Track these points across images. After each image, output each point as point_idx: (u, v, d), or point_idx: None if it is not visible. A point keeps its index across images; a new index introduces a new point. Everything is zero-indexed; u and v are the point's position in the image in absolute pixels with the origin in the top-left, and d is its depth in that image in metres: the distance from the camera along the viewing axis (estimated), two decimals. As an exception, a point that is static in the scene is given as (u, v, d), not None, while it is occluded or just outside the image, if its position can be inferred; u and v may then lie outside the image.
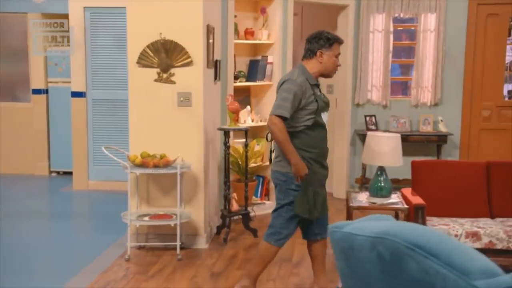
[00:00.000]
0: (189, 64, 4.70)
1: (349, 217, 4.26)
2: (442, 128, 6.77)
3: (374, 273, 1.53)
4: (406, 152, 6.72)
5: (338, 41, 3.55)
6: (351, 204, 4.25)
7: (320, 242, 3.73)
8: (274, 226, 3.62)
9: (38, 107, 8.08)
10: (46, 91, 8.09)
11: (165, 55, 4.67)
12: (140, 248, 4.82)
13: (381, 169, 4.51)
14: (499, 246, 3.97)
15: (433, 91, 6.81)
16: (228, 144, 5.03)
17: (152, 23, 4.67)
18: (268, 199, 6.34)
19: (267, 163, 6.27)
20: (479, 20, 6.71)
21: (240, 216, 5.38)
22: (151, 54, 4.68)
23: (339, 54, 3.57)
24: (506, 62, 8.14)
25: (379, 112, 6.98)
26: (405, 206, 4.24)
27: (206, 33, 4.80)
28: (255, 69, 6.13)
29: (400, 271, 1.44)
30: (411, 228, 1.50)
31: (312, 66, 3.52)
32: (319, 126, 3.51)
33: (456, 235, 4.00)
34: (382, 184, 4.48)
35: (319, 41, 3.50)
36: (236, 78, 5.96)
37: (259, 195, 6.30)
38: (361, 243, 1.54)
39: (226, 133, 5.06)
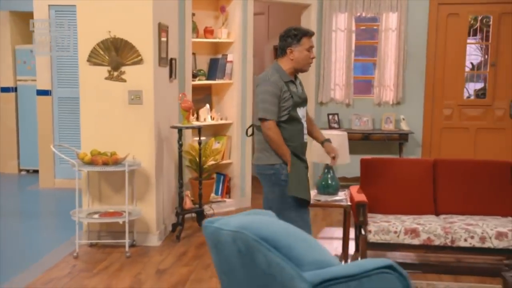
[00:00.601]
0: (139, 62, 4.72)
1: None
2: (404, 127, 6.83)
3: (237, 267, 1.57)
4: (368, 150, 6.85)
5: (307, 34, 3.56)
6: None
7: None
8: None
9: (7, 105, 8.07)
10: (15, 89, 8.09)
11: (115, 53, 4.69)
12: (92, 245, 4.84)
13: (328, 167, 4.55)
14: (437, 242, 4.02)
15: (395, 90, 6.87)
16: (180, 142, 5.05)
17: (102, 21, 4.69)
18: (229, 197, 6.37)
19: (229, 160, 6.33)
20: (440, 19, 6.77)
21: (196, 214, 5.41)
22: (102, 52, 4.70)
23: (312, 47, 3.58)
24: (473, 62, 8.25)
25: (342, 111, 7.03)
26: (348, 203, 4.29)
27: (157, 31, 4.82)
28: (215, 68, 6.16)
29: (254, 264, 1.47)
30: (263, 222, 1.54)
31: (285, 63, 3.55)
32: (294, 120, 3.53)
33: (395, 232, 4.05)
34: (329, 182, 4.53)
35: (287, 39, 3.53)
36: (195, 76, 5.98)
37: (220, 193, 6.32)
38: (225, 237, 1.58)
39: (180, 131, 5.08)
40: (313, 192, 4.65)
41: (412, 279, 3.95)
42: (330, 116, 6.91)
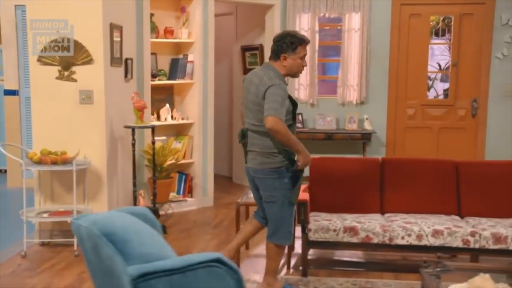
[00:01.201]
0: (90, 62, 4.75)
1: (237, 212, 4.35)
2: (367, 126, 6.87)
3: (93, 259, 1.61)
4: (331, 150, 6.90)
5: (302, 43, 3.52)
6: (238, 200, 4.34)
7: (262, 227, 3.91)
8: (283, 226, 3.67)
9: (-23, 104, 8.08)
10: (-16, 89, 8.10)
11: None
12: (43, 244, 4.87)
13: (275, 166, 4.58)
14: (376, 240, 4.06)
15: (359, 90, 6.91)
16: (133, 142, 5.08)
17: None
18: (191, 196, 6.41)
19: (190, 160, 6.37)
20: (402, 20, 6.82)
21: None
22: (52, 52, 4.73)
23: (305, 55, 3.56)
24: (441, 62, 8.31)
25: (307, 111, 7.07)
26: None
27: (108, 31, 4.85)
28: (176, 68, 6.20)
29: (100, 258, 1.51)
30: (113, 217, 1.57)
31: (279, 68, 3.53)
32: (294, 124, 3.58)
33: (334, 230, 4.09)
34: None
35: (283, 45, 3.49)
36: (155, 76, 6.01)
37: (181, 192, 6.36)
38: (83, 233, 1.61)
39: (133, 130, 5.11)
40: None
41: (354, 277, 4.02)
42: (294, 116, 6.93)
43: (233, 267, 1.49)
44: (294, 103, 3.60)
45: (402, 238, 4.04)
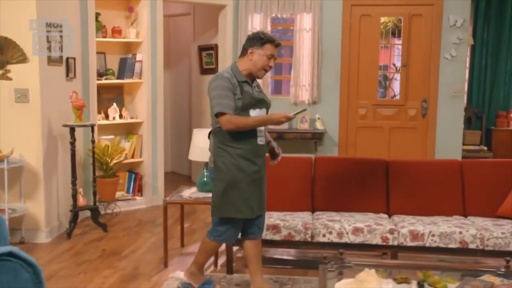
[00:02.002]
0: (24, 61, 4.78)
1: (164, 210, 4.39)
2: (319, 126, 6.93)
3: None
4: (284, 149, 6.90)
5: (272, 42, 3.48)
6: (165, 198, 4.38)
7: (252, 242, 3.69)
8: (212, 224, 3.66)
9: None
10: None
11: None
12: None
13: (207, 165, 4.63)
14: (297, 238, 4.11)
15: (311, 90, 6.97)
16: (71, 140, 5.11)
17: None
18: (141, 195, 6.44)
19: (140, 159, 6.40)
20: (353, 20, 6.88)
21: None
22: (-13, 51, 4.75)
23: (273, 56, 3.50)
24: (397, 63, 8.36)
25: (260, 110, 7.10)
26: (218, 200, 4.35)
27: (45, 30, 4.87)
28: (124, 67, 6.23)
29: None
30: None
31: (243, 64, 3.52)
32: None
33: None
34: (208, 179, 4.61)
35: (252, 40, 3.50)
36: (101, 75, 6.04)
37: (131, 191, 6.39)
38: None
39: (73, 129, 5.14)
40: (193, 189, 4.76)
41: (278, 274, 4.07)
42: (247, 115, 6.98)
43: (29, 260, 1.52)
44: (255, 99, 3.50)
45: (324, 235, 4.10)
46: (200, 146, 4.58)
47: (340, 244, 4.08)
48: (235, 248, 4.38)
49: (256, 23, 6.93)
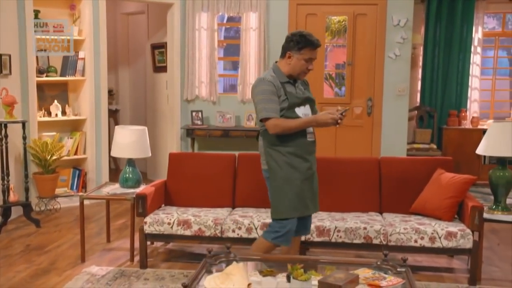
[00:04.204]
0: (-48, 58, 4.83)
1: (81, 206, 4.46)
2: (265, 124, 6.97)
3: None
4: (230, 147, 7.01)
5: (310, 46, 3.44)
6: (81, 194, 4.43)
7: (295, 238, 3.70)
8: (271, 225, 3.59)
9: None
10: None
11: None
12: None
13: (130, 161, 4.70)
14: (208, 233, 4.18)
15: (258, 88, 7.01)
16: (0, 137, 5.16)
17: None
18: (85, 191, 6.48)
19: (84, 155, 6.46)
20: (299, 19, 6.93)
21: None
22: None
23: (312, 58, 3.46)
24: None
25: (208, 108, 7.17)
26: (133, 196, 4.40)
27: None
28: (67, 65, 6.28)
29: None
30: None
31: (283, 65, 3.51)
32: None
33: (169, 223, 4.20)
34: (130, 176, 4.68)
35: (290, 43, 3.45)
36: (42, 72, 6.09)
37: (75, 187, 6.44)
38: None
39: (4, 126, 5.18)
40: (116, 185, 4.82)
41: (192, 269, 4.12)
42: (194, 113, 7.05)
43: None
44: (300, 98, 3.48)
45: (233, 231, 4.16)
46: (122, 142, 4.64)
47: (249, 239, 4.14)
48: (148, 243, 4.44)
49: (203, 22, 6.99)
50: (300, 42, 3.42)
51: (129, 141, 4.62)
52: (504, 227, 5.08)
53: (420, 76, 8.01)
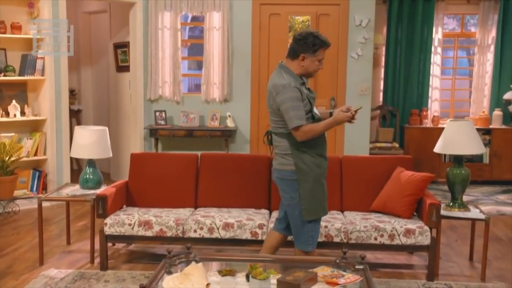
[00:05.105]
0: None
1: (39, 207, 4.38)
2: (229, 124, 6.98)
3: None
4: (194, 147, 6.98)
5: (324, 46, 3.42)
6: (40, 195, 4.35)
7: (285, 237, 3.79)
8: (304, 231, 3.57)
9: None
10: None
11: None
12: None
13: (90, 162, 4.64)
14: (169, 234, 4.15)
15: (222, 88, 7.02)
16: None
17: None
18: (46, 193, 6.36)
19: (44, 156, 6.33)
20: (263, 19, 6.96)
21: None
22: None
23: (323, 58, 3.46)
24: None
25: (172, 108, 7.13)
26: (94, 197, 4.34)
27: None
28: (25, 64, 6.15)
29: None
30: None
31: (295, 67, 3.44)
32: (316, 120, 3.48)
33: (129, 224, 4.16)
34: (90, 176, 4.62)
35: (304, 45, 3.39)
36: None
37: (35, 189, 6.31)
38: None
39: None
40: (76, 186, 4.75)
41: (151, 270, 4.08)
42: (157, 113, 7.00)
43: None
44: (314, 99, 3.52)
45: (195, 231, 4.15)
46: (82, 143, 4.57)
47: (211, 239, 4.14)
48: (109, 244, 4.39)
49: (167, 21, 6.95)
50: (316, 44, 3.38)
51: (89, 141, 4.55)
52: (462, 223, 5.22)
53: (382, 76, 8.12)
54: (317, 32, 3.46)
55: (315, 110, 3.53)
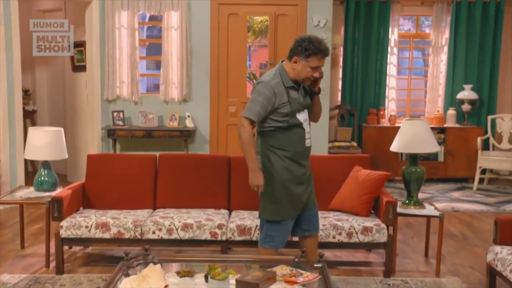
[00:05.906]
0: None
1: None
2: (189, 124, 6.94)
3: None
4: (153, 147, 6.90)
5: (318, 54, 3.30)
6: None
7: (310, 238, 3.66)
8: (263, 230, 3.53)
9: None
10: None
11: None
12: None
13: (45, 164, 4.53)
14: (127, 236, 4.10)
15: (180, 88, 6.97)
16: None
17: None
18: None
19: (-4, 159, 6.14)
20: (221, 19, 6.94)
21: None
22: None
23: (319, 67, 3.33)
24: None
25: (130, 108, 7.04)
26: (49, 199, 4.25)
27: None
28: (-24, 63, 5.97)
29: None
30: None
31: (289, 69, 3.38)
32: (295, 126, 3.39)
33: (86, 227, 4.09)
34: (45, 179, 4.52)
35: (298, 48, 3.33)
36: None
37: (-12, 192, 6.13)
38: None
39: None
40: (31, 189, 4.63)
41: (109, 273, 4.01)
42: (115, 113, 6.90)
43: None
44: (302, 105, 3.43)
45: (153, 232, 4.11)
46: (36, 144, 4.47)
47: (170, 240, 4.11)
48: (65, 248, 4.30)
49: (124, 20, 6.86)
50: (308, 50, 3.31)
51: (44, 142, 4.46)
52: (417, 220, 5.33)
53: (340, 75, 8.22)
54: (318, 39, 3.39)
55: (299, 116, 3.43)
